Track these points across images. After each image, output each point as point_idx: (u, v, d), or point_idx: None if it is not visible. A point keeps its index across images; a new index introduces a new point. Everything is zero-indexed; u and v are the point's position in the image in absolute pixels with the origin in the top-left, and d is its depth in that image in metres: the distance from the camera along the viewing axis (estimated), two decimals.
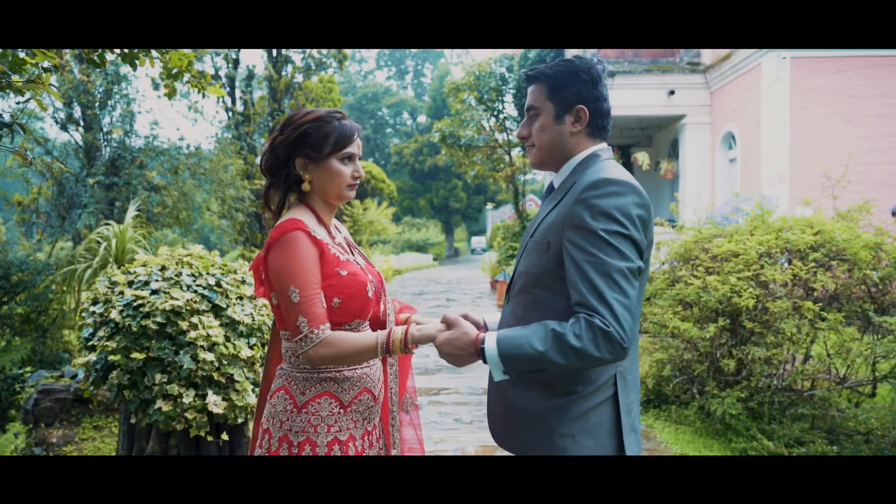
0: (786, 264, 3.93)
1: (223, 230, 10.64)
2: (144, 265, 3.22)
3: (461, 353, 1.40)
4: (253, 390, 3.04)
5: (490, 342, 1.35)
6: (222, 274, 3.26)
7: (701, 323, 3.98)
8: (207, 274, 3.18)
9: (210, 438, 2.93)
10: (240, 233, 11.27)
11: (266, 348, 3.13)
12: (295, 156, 1.61)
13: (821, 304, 3.57)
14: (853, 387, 3.89)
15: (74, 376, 4.42)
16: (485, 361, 1.37)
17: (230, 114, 11.34)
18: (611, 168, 1.41)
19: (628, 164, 13.44)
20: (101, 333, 2.91)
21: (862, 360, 3.72)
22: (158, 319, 2.87)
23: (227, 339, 3.02)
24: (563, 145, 1.50)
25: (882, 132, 8.64)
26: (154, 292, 2.99)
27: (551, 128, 1.49)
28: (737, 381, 3.90)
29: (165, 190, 7.46)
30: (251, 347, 3.08)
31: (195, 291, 3.05)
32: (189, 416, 2.83)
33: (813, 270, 3.64)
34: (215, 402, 2.86)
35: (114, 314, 2.89)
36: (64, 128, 7.34)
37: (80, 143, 7.25)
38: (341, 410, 1.60)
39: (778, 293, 3.67)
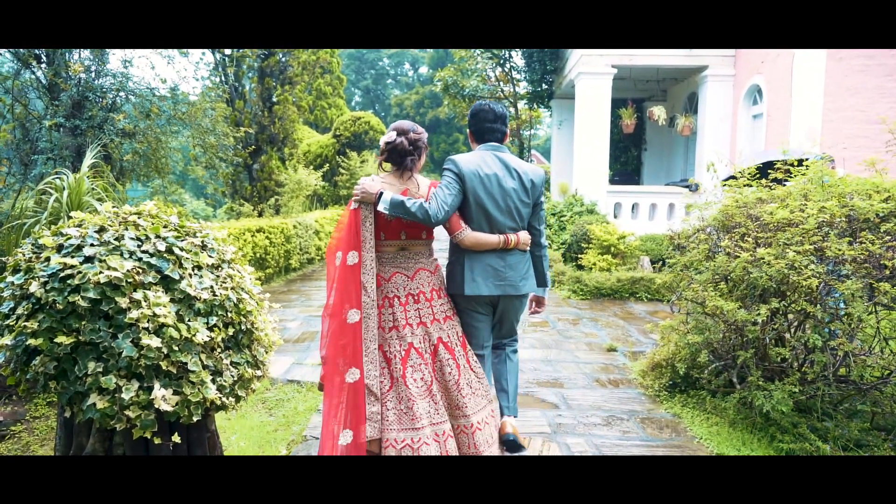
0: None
1: (207, 181, 9.90)
2: (80, 225, 2.62)
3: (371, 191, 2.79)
4: (213, 380, 2.48)
5: (387, 195, 2.74)
6: (177, 237, 2.67)
7: (743, 302, 3.42)
8: (157, 237, 2.58)
9: (157, 441, 2.39)
10: (226, 184, 10.52)
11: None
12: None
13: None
14: None
15: None
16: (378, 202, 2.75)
17: (217, 55, 10.47)
18: (462, 154, 2.97)
19: (642, 119, 12.67)
20: (20, 311, 2.34)
21: None
22: (91, 295, 2.29)
23: (181, 318, 2.44)
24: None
25: None
26: (87, 260, 2.40)
27: None
28: (783, 371, 3.36)
29: (142, 135, 6.75)
30: (210, 329, 2.51)
31: (139, 259, 2.46)
32: (131, 413, 2.29)
33: (887, 245, 3.05)
34: (164, 397, 2.31)
35: (34, 287, 2.31)
36: (26, 64, 6.58)
37: (44, 82, 6.51)
38: None
39: (844, 270, 3.09)
